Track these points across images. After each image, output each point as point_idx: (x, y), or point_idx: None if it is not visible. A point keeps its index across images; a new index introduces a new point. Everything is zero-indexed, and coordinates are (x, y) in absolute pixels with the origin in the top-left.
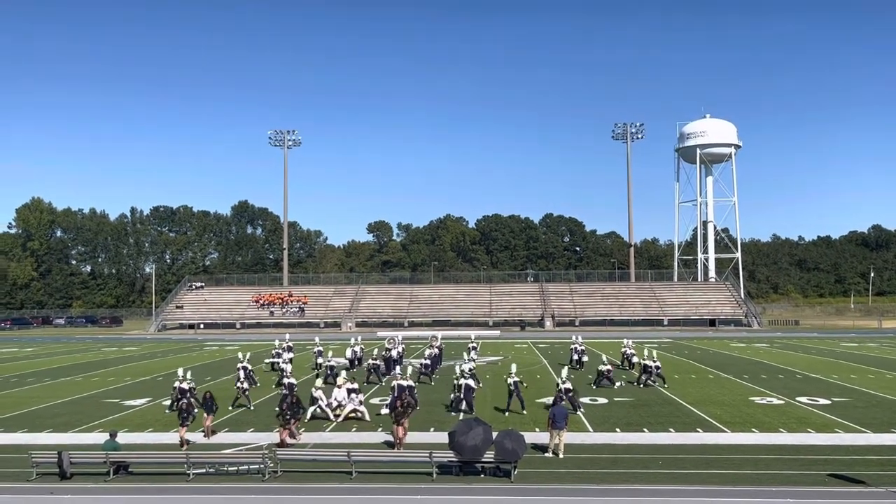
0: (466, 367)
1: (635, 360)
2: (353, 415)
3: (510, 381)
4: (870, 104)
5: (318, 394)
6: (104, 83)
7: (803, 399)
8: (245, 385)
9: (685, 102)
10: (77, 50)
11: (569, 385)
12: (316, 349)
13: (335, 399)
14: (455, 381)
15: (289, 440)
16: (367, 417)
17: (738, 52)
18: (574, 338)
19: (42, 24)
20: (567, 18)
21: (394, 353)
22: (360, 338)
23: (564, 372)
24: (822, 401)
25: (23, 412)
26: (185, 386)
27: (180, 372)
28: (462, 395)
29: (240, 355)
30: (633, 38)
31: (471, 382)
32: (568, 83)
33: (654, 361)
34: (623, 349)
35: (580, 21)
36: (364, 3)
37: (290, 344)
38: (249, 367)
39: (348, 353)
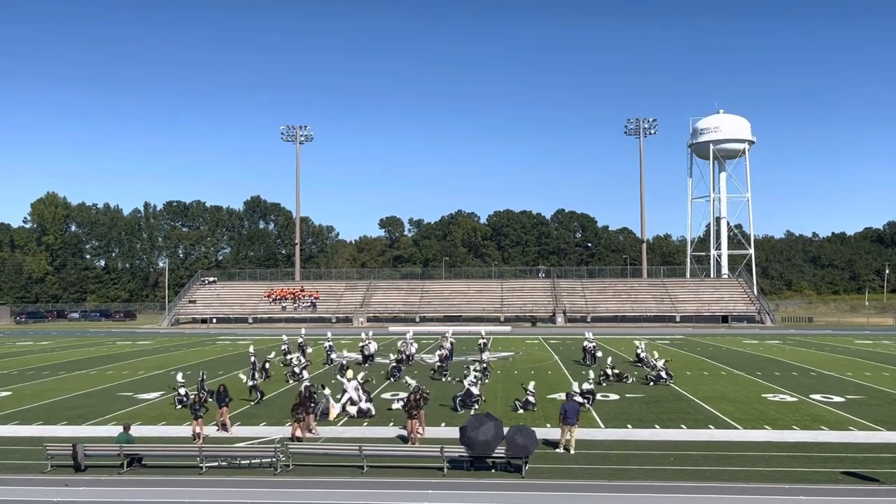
0: (472, 369)
1: (652, 361)
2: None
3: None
4: (885, 100)
5: (326, 392)
6: (118, 80)
7: (817, 396)
8: (255, 379)
9: (698, 98)
10: (91, 48)
11: (591, 386)
12: (327, 344)
13: (345, 392)
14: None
15: (306, 434)
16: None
17: (753, 47)
18: (586, 334)
19: (56, 23)
20: (580, 14)
21: (412, 351)
22: (371, 333)
23: (591, 376)
24: (836, 398)
25: (38, 405)
26: (181, 391)
27: (180, 377)
28: (462, 398)
29: (271, 355)
30: (647, 34)
31: (474, 390)
32: (580, 78)
33: (656, 359)
34: (637, 350)
35: (593, 17)
36: (377, 0)
37: (303, 341)
38: (263, 362)
39: (366, 350)
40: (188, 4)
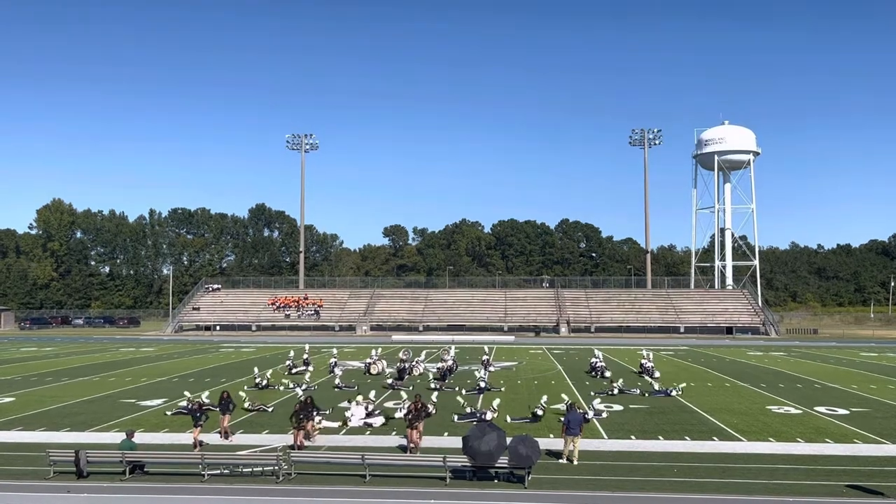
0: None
1: (657, 374)
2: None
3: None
4: (891, 110)
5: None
6: (124, 86)
7: (821, 409)
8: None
9: (703, 108)
10: (97, 53)
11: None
12: (332, 360)
13: (353, 415)
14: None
15: (305, 442)
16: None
17: (758, 58)
18: (595, 352)
19: (62, 29)
20: (584, 23)
21: (420, 367)
22: (380, 350)
23: (596, 403)
24: (841, 411)
25: (41, 411)
26: (187, 404)
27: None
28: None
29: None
30: (651, 44)
31: (489, 415)
32: (585, 88)
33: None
34: (642, 361)
35: (598, 25)
36: (380, 7)
37: (307, 357)
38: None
39: (377, 366)
40: (195, 12)
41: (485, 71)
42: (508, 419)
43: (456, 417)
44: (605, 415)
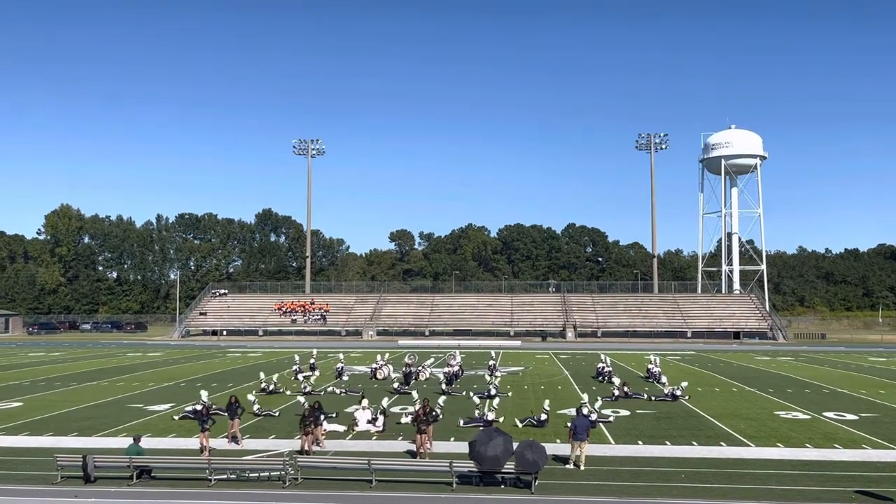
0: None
1: (664, 379)
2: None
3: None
4: None
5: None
6: (131, 91)
7: (830, 414)
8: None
9: (710, 112)
10: (104, 58)
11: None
12: (338, 365)
13: (358, 420)
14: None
15: (313, 448)
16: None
17: (765, 62)
18: (602, 357)
19: (67, 30)
20: (591, 30)
21: (426, 372)
22: (386, 355)
23: (598, 404)
24: (850, 416)
25: (49, 415)
26: (197, 407)
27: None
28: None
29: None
30: (657, 49)
31: (490, 416)
32: (591, 91)
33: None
34: (649, 366)
35: (603, 32)
36: (387, 11)
37: (314, 362)
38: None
39: (383, 371)
40: (201, 18)
41: (490, 74)
42: (518, 424)
43: (462, 422)
44: (612, 419)
